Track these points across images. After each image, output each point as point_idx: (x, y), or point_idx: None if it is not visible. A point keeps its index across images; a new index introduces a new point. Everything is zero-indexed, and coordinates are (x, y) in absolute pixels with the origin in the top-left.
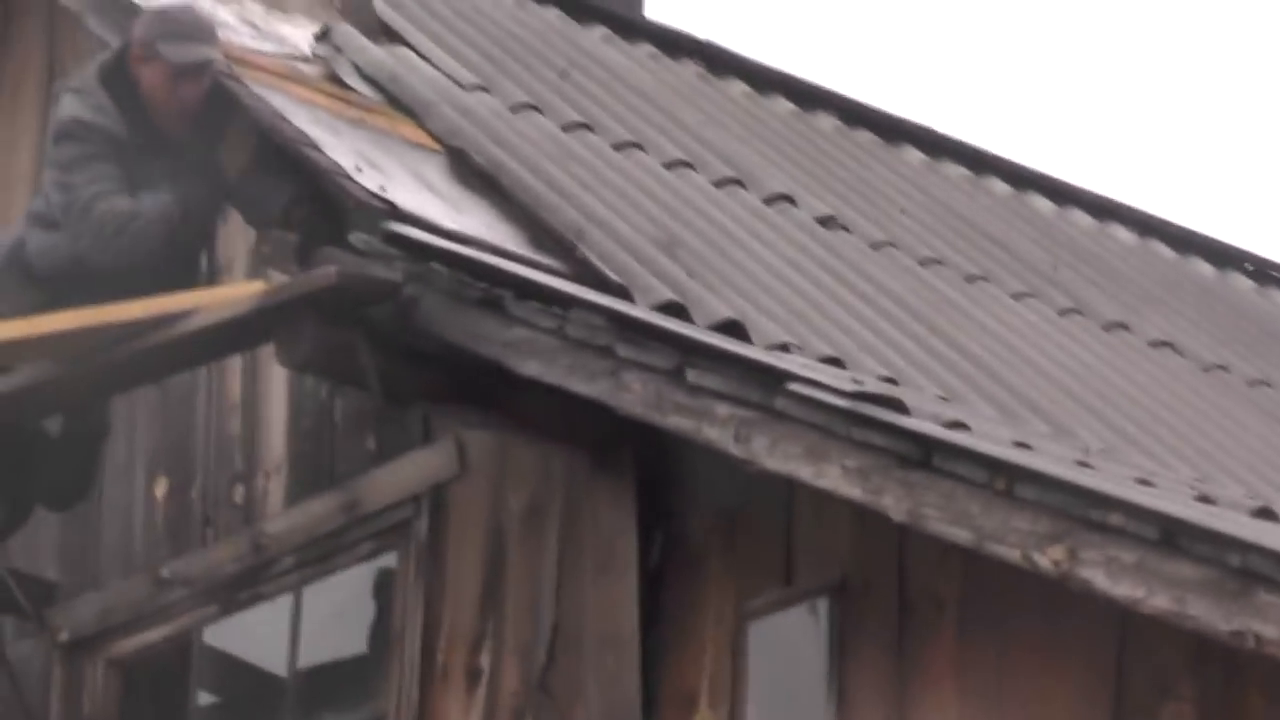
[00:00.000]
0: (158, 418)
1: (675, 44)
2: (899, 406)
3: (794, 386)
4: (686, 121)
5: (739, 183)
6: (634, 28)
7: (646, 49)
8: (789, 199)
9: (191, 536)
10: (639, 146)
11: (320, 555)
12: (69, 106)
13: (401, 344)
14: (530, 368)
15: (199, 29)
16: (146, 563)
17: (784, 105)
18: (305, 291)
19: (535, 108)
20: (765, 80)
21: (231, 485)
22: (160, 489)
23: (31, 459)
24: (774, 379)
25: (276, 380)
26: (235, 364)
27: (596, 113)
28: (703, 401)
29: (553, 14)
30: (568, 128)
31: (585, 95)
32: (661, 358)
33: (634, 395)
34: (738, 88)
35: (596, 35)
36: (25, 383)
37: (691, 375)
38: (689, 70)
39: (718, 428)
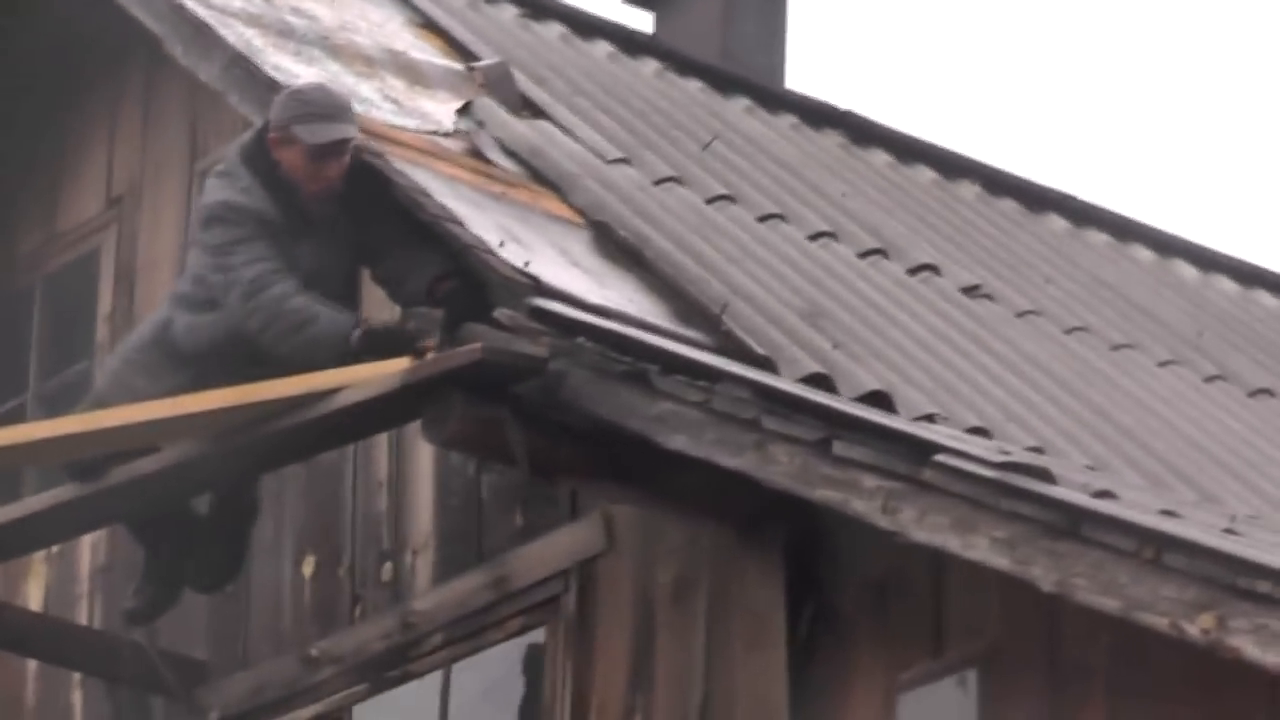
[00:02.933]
0: (305, 496)
1: (817, 114)
2: (1046, 476)
3: (941, 458)
4: (830, 192)
5: (883, 253)
6: (776, 99)
7: (789, 120)
8: (933, 269)
9: (340, 615)
10: (783, 218)
11: (469, 632)
12: (217, 189)
13: (548, 419)
14: (677, 442)
15: (334, 108)
16: (295, 641)
17: (926, 174)
18: (451, 368)
19: (679, 180)
20: (907, 149)
21: (379, 563)
22: (308, 567)
23: (181, 540)
24: (921, 450)
25: (423, 457)
26: (382, 441)
27: (740, 184)
28: (850, 473)
29: (695, 86)
30: (711, 200)
31: (728, 167)
32: (808, 430)
33: (781, 468)
34: (880, 157)
35: (739, 107)
36: (173, 462)
37: (838, 447)
38: (831, 140)
39: (865, 499)
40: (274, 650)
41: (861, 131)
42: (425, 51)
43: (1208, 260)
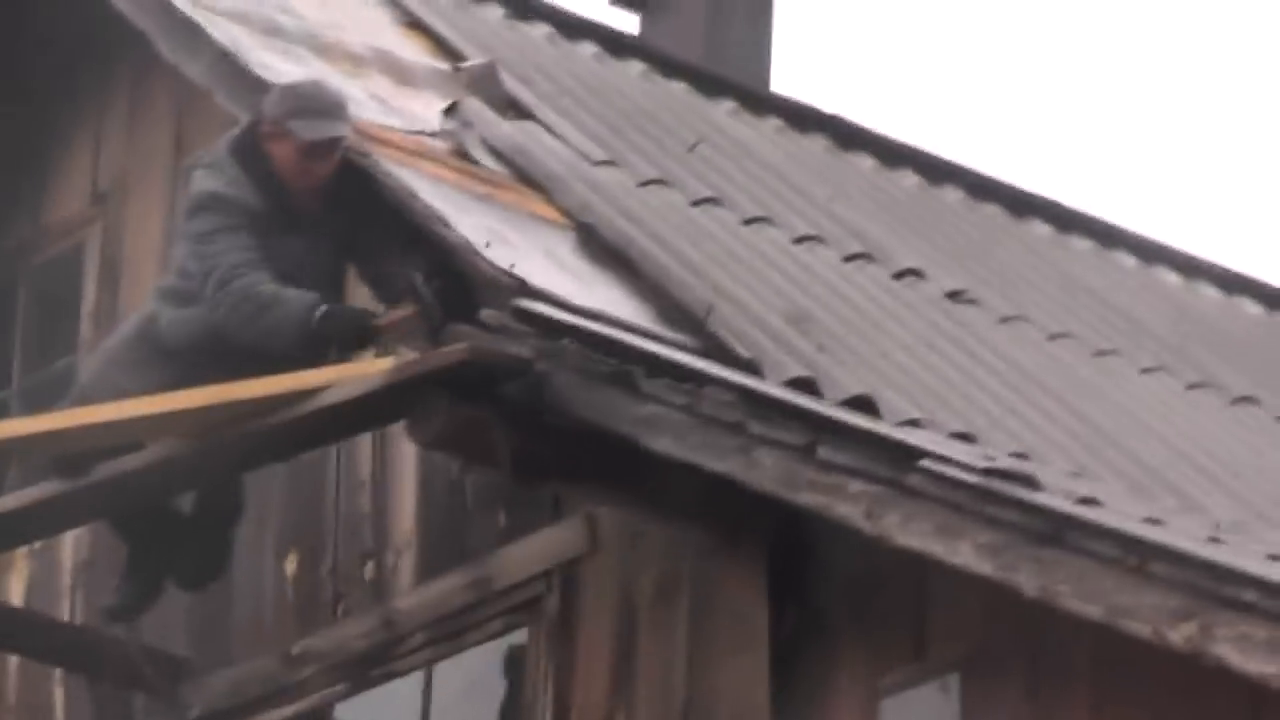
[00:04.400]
0: (288, 494)
1: (803, 117)
2: (1031, 483)
3: (926, 463)
4: (815, 196)
5: (868, 257)
6: (762, 101)
7: (774, 123)
8: (917, 273)
9: (322, 613)
10: (768, 221)
11: (451, 632)
12: (203, 180)
13: (532, 420)
14: (661, 444)
15: (330, 105)
16: (277, 639)
17: (911, 179)
18: (436, 368)
19: (664, 182)
20: (891, 153)
21: (362, 562)
22: (290, 565)
23: (164, 537)
24: (906, 455)
25: (406, 457)
26: (365, 440)
27: (725, 187)
28: (834, 478)
29: (680, 88)
30: (697, 203)
31: (714, 169)
32: (793, 434)
33: (765, 472)
34: (865, 161)
35: (724, 109)
36: (157, 460)
37: (823, 452)
38: (816, 144)
39: (849, 504)
40: (255, 648)
41: (846, 135)
42: (412, 51)
43: (1191, 267)
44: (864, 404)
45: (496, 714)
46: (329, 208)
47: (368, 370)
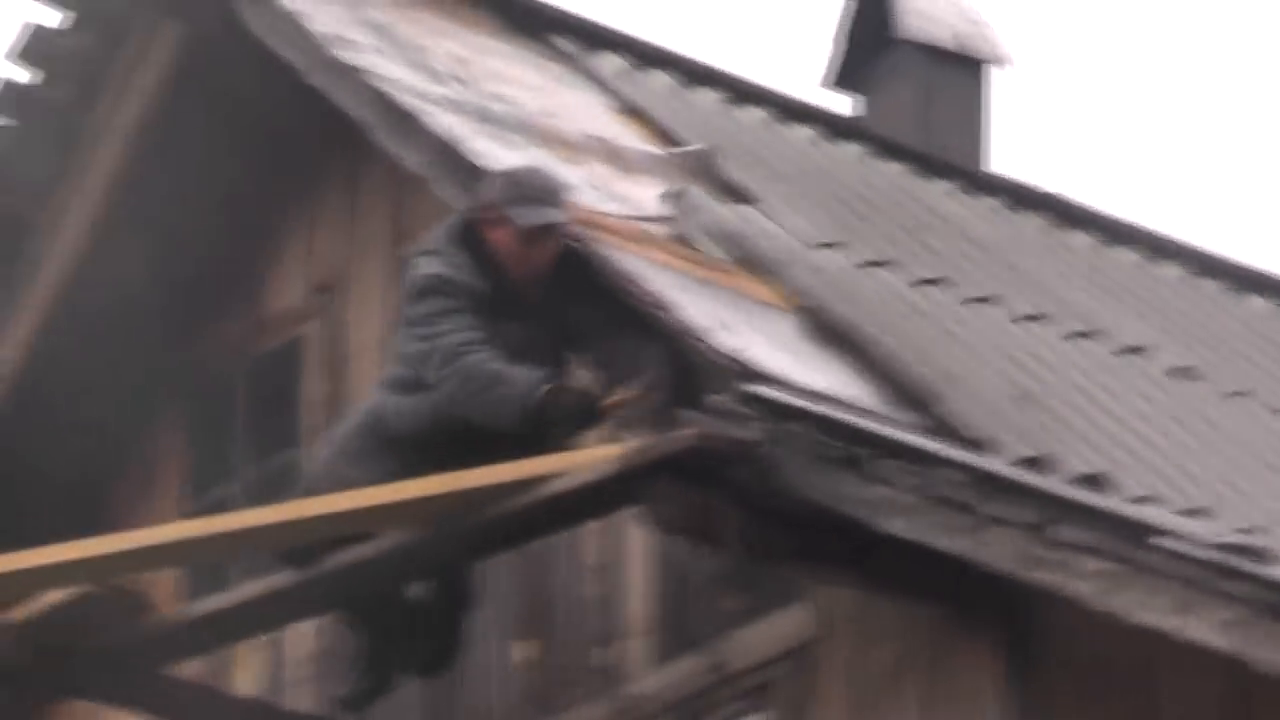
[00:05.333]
0: (517, 581)
1: (1020, 196)
2: (1265, 557)
3: (1159, 540)
4: (1035, 275)
5: (1090, 334)
6: (978, 181)
7: (991, 202)
8: (1140, 350)
9: (554, 701)
10: (989, 301)
11: (686, 717)
12: (426, 265)
13: (762, 504)
14: (892, 525)
15: (547, 191)
16: None
17: (1129, 255)
18: (666, 454)
19: (885, 264)
20: (1110, 231)
21: (593, 648)
22: (521, 652)
23: (396, 626)
24: (1139, 532)
25: (634, 542)
26: (592, 526)
27: (945, 268)
28: (1067, 556)
29: (896, 170)
30: (918, 283)
31: (933, 251)
32: (1025, 513)
33: (997, 551)
34: (1082, 239)
35: (941, 190)
36: (387, 550)
37: (1055, 530)
38: (1034, 223)
39: (1083, 582)
40: None
41: (1063, 213)
42: (629, 137)
43: None
44: (1094, 481)
45: None
46: (548, 294)
47: (597, 457)
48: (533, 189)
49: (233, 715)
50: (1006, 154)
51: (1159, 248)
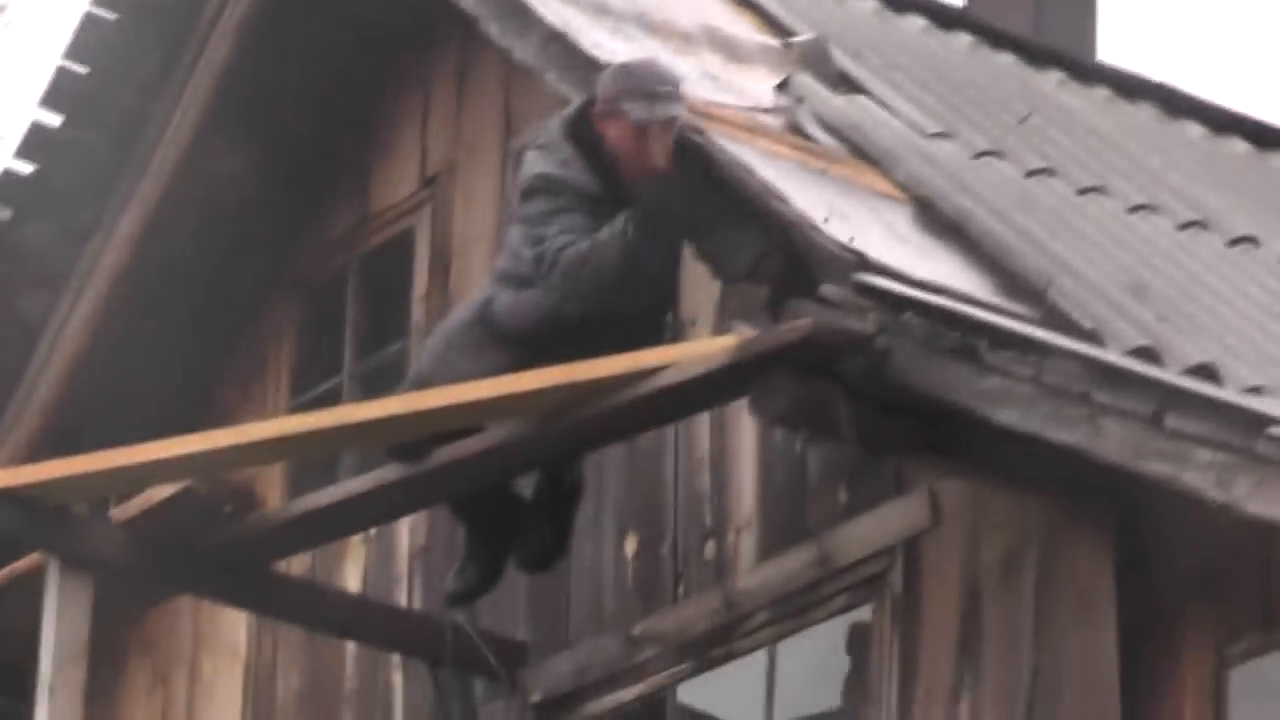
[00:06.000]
0: (626, 475)
1: (1130, 87)
2: None
3: (1274, 430)
4: (1147, 165)
5: (1202, 225)
6: (1089, 71)
7: (1102, 92)
8: (1252, 240)
9: (663, 594)
10: (1102, 191)
11: (794, 610)
12: (535, 162)
13: (874, 395)
14: (1006, 416)
15: (664, 85)
16: (618, 621)
17: (1240, 145)
18: (778, 345)
19: (998, 154)
20: (1221, 121)
21: (702, 541)
22: (630, 546)
23: (505, 520)
24: (1255, 423)
25: (745, 434)
26: (703, 419)
27: (1058, 158)
28: (1182, 447)
29: (1008, 60)
30: (1030, 174)
31: (1045, 140)
32: (1140, 403)
33: (1112, 442)
34: (1194, 129)
35: (1053, 80)
36: (497, 443)
37: (1171, 420)
38: (1145, 113)
39: (1198, 473)
40: (596, 631)
41: (1174, 103)
42: (741, 27)
43: None
44: (1208, 372)
45: (841, 691)
46: (663, 185)
47: (708, 349)
48: (648, 82)
49: (340, 611)
50: (1116, 44)
51: (1268, 137)
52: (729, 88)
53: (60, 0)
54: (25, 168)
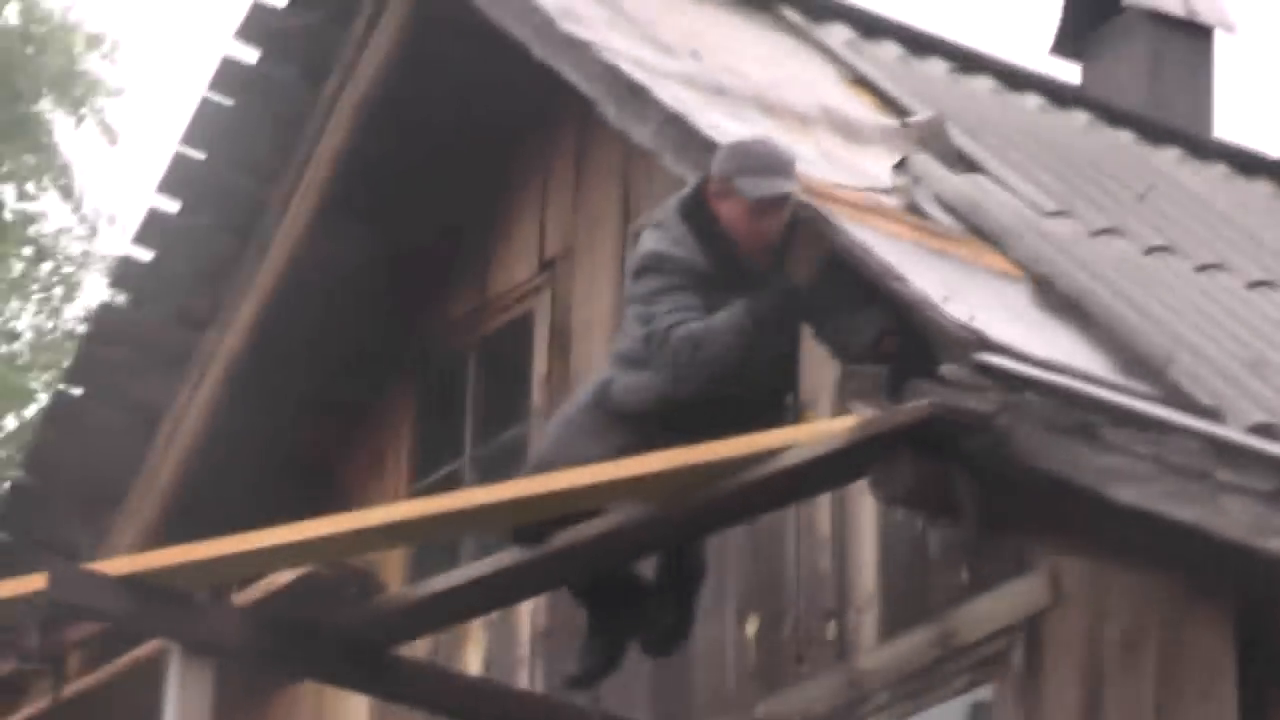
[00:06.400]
0: (747, 555)
1: (1247, 162)
2: None
3: None
4: (1264, 240)
5: None
6: (1206, 147)
7: (1220, 169)
8: None
9: (784, 675)
10: (1220, 267)
11: (915, 690)
12: (649, 241)
13: (995, 474)
14: (1127, 494)
15: (778, 163)
16: (740, 703)
17: None
18: (899, 425)
19: (1116, 231)
20: None
21: (823, 622)
22: (751, 627)
23: (626, 603)
24: None
25: (865, 514)
26: (823, 499)
27: (1176, 235)
28: None
29: (1125, 136)
30: (1149, 251)
31: (1163, 217)
32: (1260, 480)
33: (1233, 519)
34: None
35: (1170, 156)
36: (618, 525)
37: None
38: (1262, 189)
39: None
40: (718, 712)
41: None
42: (858, 108)
43: None
44: None
45: None
46: (780, 266)
47: (828, 429)
48: (762, 160)
49: (462, 695)
50: (1232, 120)
51: None
52: (847, 168)
53: (180, 86)
54: (143, 254)
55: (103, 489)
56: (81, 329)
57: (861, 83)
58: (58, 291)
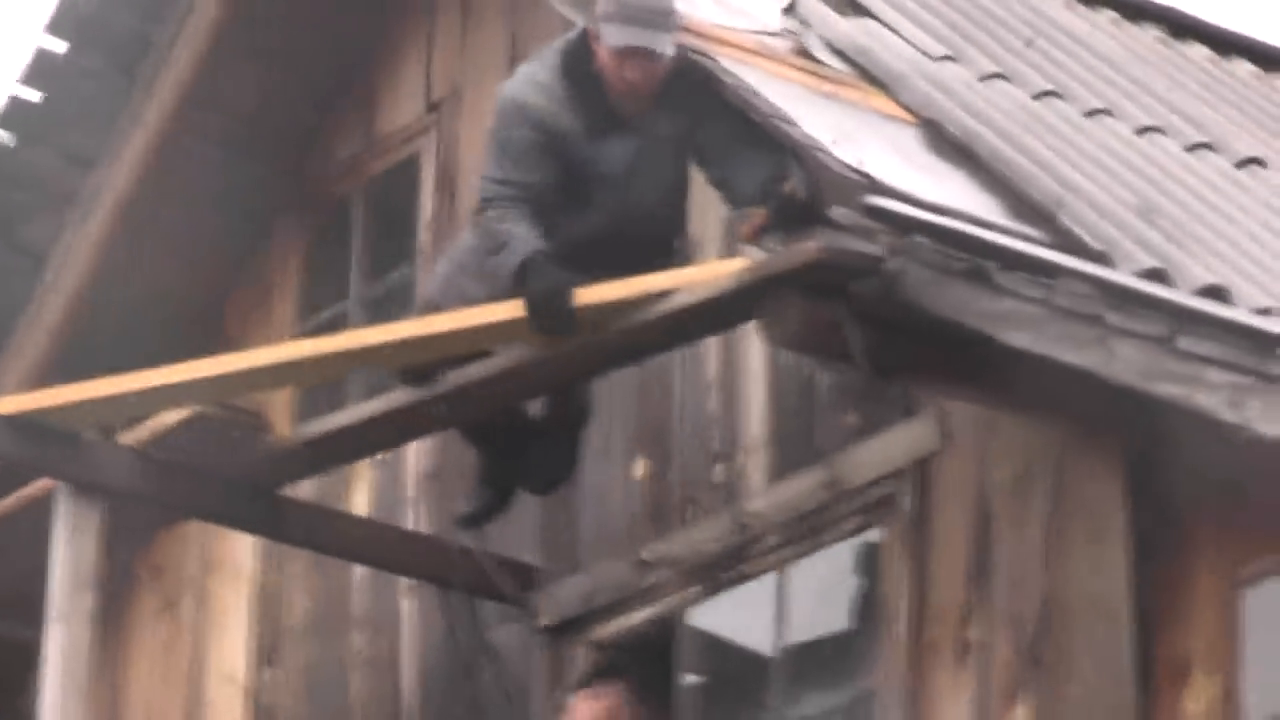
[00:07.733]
0: (635, 398)
1: (1135, 9)
2: None
3: None
4: (1153, 87)
5: (1209, 147)
6: None
7: (1108, 14)
8: (1259, 162)
9: (672, 517)
10: (1109, 113)
11: (804, 532)
12: (511, 85)
13: (884, 318)
14: (1018, 339)
15: (648, 13)
16: (627, 545)
17: (1245, 67)
18: (788, 268)
19: (1004, 77)
20: (1226, 43)
21: (711, 464)
22: (639, 470)
23: (514, 444)
24: (1266, 343)
25: (754, 357)
26: (711, 342)
27: (1065, 80)
28: (1194, 368)
29: None
30: (1038, 96)
31: (1052, 63)
32: (1152, 325)
33: (1124, 363)
34: (1199, 51)
35: (1058, 2)
36: (506, 366)
37: (1183, 342)
38: (1150, 35)
39: (1210, 394)
40: (606, 554)
41: (1180, 25)
42: None
43: None
44: (1218, 293)
45: (851, 613)
46: (665, 110)
47: (717, 272)
48: (632, 8)
49: (349, 535)
50: None
51: (1274, 59)
52: (736, 10)
53: None
54: (31, 94)
55: None
56: None
57: None
58: None
